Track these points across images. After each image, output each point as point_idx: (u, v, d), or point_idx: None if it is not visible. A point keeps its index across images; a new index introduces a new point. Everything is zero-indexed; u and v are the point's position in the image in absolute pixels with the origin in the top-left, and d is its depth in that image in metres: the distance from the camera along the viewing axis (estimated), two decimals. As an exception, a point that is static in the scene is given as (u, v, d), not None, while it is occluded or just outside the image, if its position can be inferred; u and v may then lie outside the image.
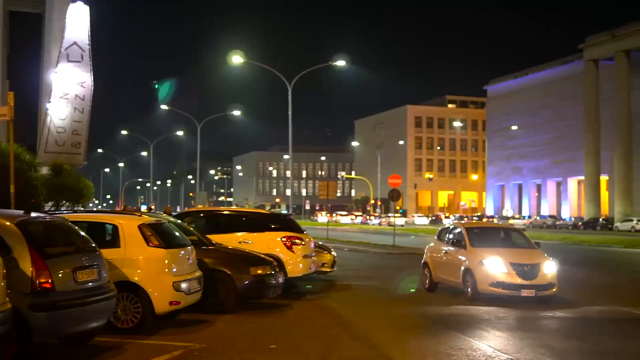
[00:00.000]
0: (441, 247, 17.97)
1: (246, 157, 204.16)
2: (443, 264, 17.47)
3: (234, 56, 41.20)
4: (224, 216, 18.17)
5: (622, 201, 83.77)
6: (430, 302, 16.03)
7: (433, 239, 19.33)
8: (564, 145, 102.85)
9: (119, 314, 10.94)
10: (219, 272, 13.30)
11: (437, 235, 19.03)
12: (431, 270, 17.92)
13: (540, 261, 15.76)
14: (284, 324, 12.48)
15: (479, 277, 15.49)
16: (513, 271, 15.31)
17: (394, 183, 39.21)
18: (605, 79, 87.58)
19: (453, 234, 17.63)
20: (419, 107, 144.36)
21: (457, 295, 16.48)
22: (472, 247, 16.24)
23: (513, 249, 16.49)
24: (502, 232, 18.18)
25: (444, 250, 17.62)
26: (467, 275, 15.93)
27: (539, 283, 15.37)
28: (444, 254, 17.54)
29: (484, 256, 15.68)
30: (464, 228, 17.26)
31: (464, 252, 16.35)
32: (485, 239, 17.06)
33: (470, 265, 15.84)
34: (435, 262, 17.91)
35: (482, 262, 15.55)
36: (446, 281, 17.31)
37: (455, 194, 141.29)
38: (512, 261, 15.48)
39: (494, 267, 15.42)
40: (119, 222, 11.49)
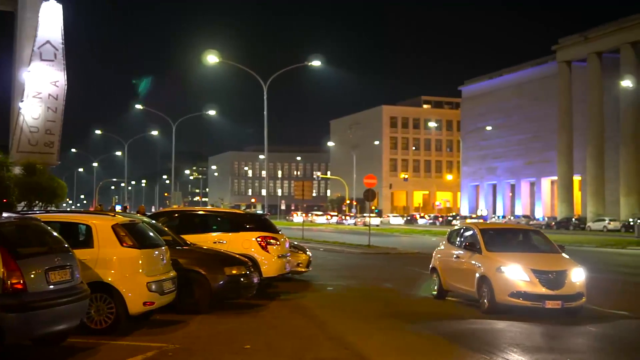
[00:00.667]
0: (452, 250, 16.16)
1: (221, 157, 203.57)
2: (454, 270, 15.72)
3: (209, 56, 41.02)
4: (199, 216, 18.11)
5: (594, 201, 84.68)
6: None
7: (443, 240, 17.45)
8: (537, 146, 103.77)
9: (93, 315, 10.86)
10: (193, 273, 13.25)
11: (447, 238, 17.17)
12: (440, 277, 16.20)
13: (566, 268, 13.99)
14: (258, 324, 12.47)
15: (497, 286, 13.73)
16: (536, 279, 13.54)
17: (369, 183, 39.30)
18: (578, 80, 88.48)
19: (465, 237, 15.85)
20: (394, 107, 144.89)
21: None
22: (488, 252, 14.49)
23: (535, 254, 14.74)
24: (521, 234, 16.53)
25: (455, 255, 15.82)
26: (482, 283, 14.20)
27: (566, 293, 13.57)
28: (455, 259, 15.71)
29: (503, 262, 13.94)
30: (477, 229, 15.44)
31: (479, 257, 14.61)
32: (502, 242, 15.27)
33: (486, 272, 14.11)
34: (445, 268, 16.17)
35: (501, 269, 13.81)
36: (458, 289, 15.63)
37: (430, 194, 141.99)
38: (534, 268, 13.71)
39: (514, 274, 13.65)
40: (93, 222, 11.41)
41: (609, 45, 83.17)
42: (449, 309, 14.96)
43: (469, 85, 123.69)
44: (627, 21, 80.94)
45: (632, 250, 39.15)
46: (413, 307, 15.39)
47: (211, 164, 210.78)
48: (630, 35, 79.91)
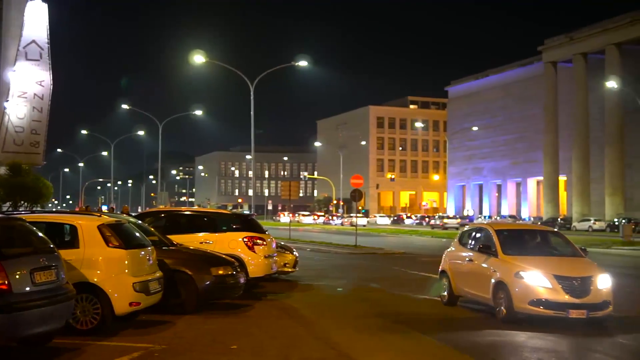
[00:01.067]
0: (464, 253, 15.02)
1: (208, 157, 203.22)
2: (467, 274, 14.62)
3: (195, 55, 40.92)
4: (185, 216, 18.07)
5: (580, 201, 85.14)
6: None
7: (454, 241, 16.22)
8: (523, 146, 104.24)
9: (78, 315, 10.82)
10: (179, 273, 13.23)
11: (459, 239, 15.88)
12: (451, 281, 15.06)
13: (592, 273, 12.80)
14: (245, 325, 12.46)
15: (516, 293, 12.62)
16: (559, 286, 12.44)
17: (356, 183, 39.33)
18: (564, 81, 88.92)
19: (479, 238, 14.68)
20: (381, 107, 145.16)
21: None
22: (505, 255, 13.36)
23: (556, 258, 13.57)
24: (539, 235, 14.98)
25: (467, 258, 14.71)
26: (499, 290, 13.07)
27: (592, 301, 12.44)
28: (468, 262, 14.61)
29: (522, 267, 12.82)
30: (493, 230, 14.24)
31: (495, 261, 13.48)
32: (520, 244, 14.14)
33: (503, 277, 12.99)
34: (456, 272, 15.04)
35: (520, 275, 12.68)
36: (471, 295, 14.45)
37: (416, 194, 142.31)
38: (556, 273, 12.60)
39: (535, 280, 12.54)
40: (78, 222, 11.37)
41: (594, 46, 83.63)
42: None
43: (456, 86, 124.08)
44: (612, 22, 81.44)
45: (617, 250, 39.38)
46: (410, 308, 15.40)
47: (198, 164, 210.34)
48: (615, 36, 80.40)
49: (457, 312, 14.40)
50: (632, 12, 79.59)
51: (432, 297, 16.62)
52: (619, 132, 79.86)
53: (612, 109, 79.77)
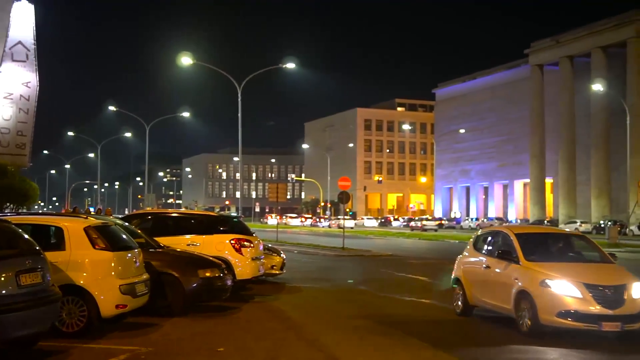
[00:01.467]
0: (480, 259, 13.85)
1: (195, 159, 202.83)
2: (483, 282, 13.44)
3: (183, 57, 40.82)
4: (172, 218, 18.02)
5: (566, 203, 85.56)
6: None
7: (468, 246, 14.94)
8: (510, 149, 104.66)
9: (64, 318, 10.77)
10: (166, 275, 13.20)
11: (473, 243, 14.66)
12: (465, 290, 13.92)
13: (625, 281, 11.65)
14: (232, 327, 12.44)
15: (541, 304, 11.42)
16: (589, 296, 11.26)
17: (343, 185, 39.36)
18: (550, 83, 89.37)
19: (497, 243, 13.55)
20: (368, 110, 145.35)
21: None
22: (528, 262, 12.18)
23: (584, 264, 12.52)
24: (563, 239, 13.86)
25: (484, 264, 13.50)
26: (522, 300, 11.87)
27: (627, 312, 11.22)
28: (485, 269, 13.39)
29: (547, 274, 11.65)
30: (513, 234, 13.01)
31: (517, 268, 12.27)
32: (543, 249, 13.03)
33: (526, 286, 11.81)
34: (471, 279, 13.90)
35: (545, 283, 11.52)
36: (488, 305, 13.30)
37: (404, 196, 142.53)
38: (586, 282, 11.43)
39: (563, 290, 11.38)
40: (64, 224, 11.31)
41: (580, 49, 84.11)
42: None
43: (443, 88, 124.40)
44: (597, 26, 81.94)
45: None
46: (397, 310, 15.41)
47: (185, 166, 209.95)
48: (601, 39, 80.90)
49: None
50: (618, 15, 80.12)
51: (439, 303, 16.45)
52: (605, 135, 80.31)
53: (598, 111, 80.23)
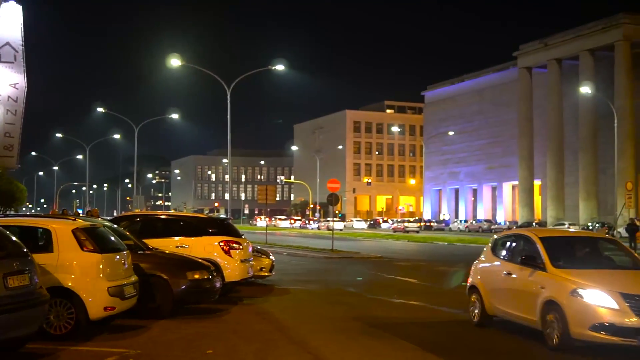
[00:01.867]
0: (500, 265, 12.78)
1: (184, 161, 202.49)
2: (504, 291, 12.33)
3: (172, 59, 40.76)
4: (161, 220, 18.00)
5: (554, 206, 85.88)
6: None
7: (484, 251, 13.83)
8: (498, 151, 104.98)
9: (52, 320, 10.73)
10: (155, 277, 13.17)
11: (492, 247, 13.47)
12: (483, 298, 12.86)
13: None
14: (221, 329, 12.42)
15: (572, 315, 10.30)
16: (626, 306, 10.06)
17: (332, 187, 39.37)
18: (538, 86, 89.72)
19: (519, 248, 12.45)
20: (357, 112, 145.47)
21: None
22: (556, 268, 11.07)
23: (619, 271, 11.33)
24: (592, 243, 12.66)
25: (504, 271, 12.36)
26: (550, 311, 10.72)
27: None
28: (506, 276, 12.25)
29: (579, 283, 10.51)
30: (537, 238, 11.87)
31: (543, 275, 11.15)
32: (571, 254, 11.98)
33: (555, 295, 10.68)
34: (490, 287, 12.80)
35: (577, 293, 10.38)
36: (510, 316, 12.18)
37: (393, 198, 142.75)
38: (623, 291, 10.25)
39: (597, 300, 10.24)
40: (52, 226, 11.27)
41: (568, 52, 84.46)
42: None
43: (432, 91, 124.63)
44: (585, 29, 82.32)
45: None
46: (385, 312, 15.41)
47: (174, 167, 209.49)
48: (589, 42, 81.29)
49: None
50: (605, 18, 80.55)
51: (428, 305, 16.51)
52: (593, 138, 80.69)
53: (586, 114, 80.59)
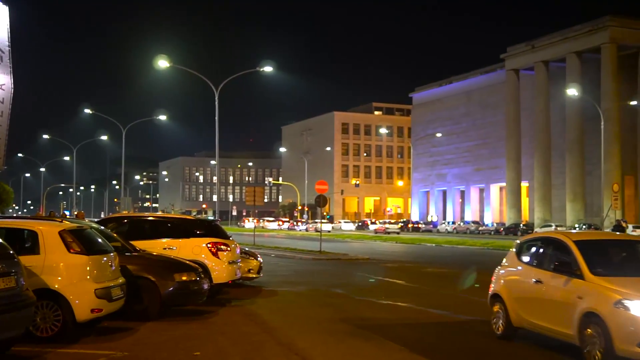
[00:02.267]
0: (528, 271, 11.43)
1: (172, 163, 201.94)
2: (533, 300, 11.01)
3: (159, 60, 40.65)
4: (149, 222, 17.94)
5: (541, 207, 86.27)
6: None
7: (508, 255, 12.51)
8: (486, 153, 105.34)
9: (39, 323, 10.68)
10: (142, 279, 13.13)
11: (517, 251, 12.16)
12: (508, 308, 11.62)
13: None
14: (208, 331, 12.40)
15: (618, 330, 9.12)
16: None
17: (320, 189, 39.36)
18: (526, 88, 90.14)
19: (550, 252, 11.14)
20: (345, 113, 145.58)
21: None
22: (595, 276, 9.84)
23: None
24: (633, 247, 11.28)
25: (533, 278, 11.03)
26: (589, 324, 9.56)
27: None
28: (536, 284, 10.92)
29: (624, 293, 9.30)
30: (571, 242, 10.62)
31: (580, 284, 9.91)
32: (610, 260, 10.85)
33: (596, 307, 9.49)
34: (516, 296, 11.53)
35: (623, 304, 9.18)
36: (540, 329, 10.90)
37: (381, 199, 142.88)
38: None
39: None
40: (39, 228, 11.22)
41: (555, 55, 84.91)
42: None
43: (420, 92, 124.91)
44: (572, 31, 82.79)
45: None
46: (374, 314, 15.41)
47: (162, 169, 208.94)
48: (576, 44, 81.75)
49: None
50: (592, 21, 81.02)
51: (416, 306, 16.51)
52: (579, 139, 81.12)
53: (573, 116, 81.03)
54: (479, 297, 17.95)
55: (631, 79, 79.01)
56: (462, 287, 21.22)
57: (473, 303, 17.07)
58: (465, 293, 19.34)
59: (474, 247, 48.50)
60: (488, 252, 42.54)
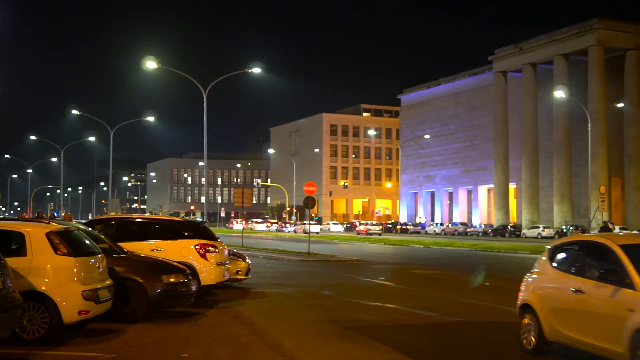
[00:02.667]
0: (565, 279, 10.02)
1: (160, 164, 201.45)
2: (572, 312, 9.66)
3: (148, 61, 40.55)
4: (136, 224, 17.87)
5: (529, 209, 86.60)
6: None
7: (540, 261, 11.22)
8: (474, 154, 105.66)
9: (25, 325, 10.63)
10: (130, 281, 13.10)
11: (549, 257, 10.84)
12: (541, 320, 10.31)
13: None
14: (196, 333, 12.38)
15: None
16: None
17: (309, 190, 39.38)
18: (513, 90, 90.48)
19: (592, 258, 9.80)
20: (334, 115, 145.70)
21: None
22: None
23: None
24: None
25: (572, 287, 9.64)
26: None
27: None
28: (575, 294, 9.55)
29: None
30: (617, 247, 9.31)
31: (631, 295, 8.56)
32: None
33: None
34: (551, 307, 10.18)
35: None
36: (580, 344, 9.54)
37: (369, 201, 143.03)
38: None
39: None
40: (26, 229, 11.17)
41: (543, 57, 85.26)
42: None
43: (408, 94, 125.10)
44: (559, 34, 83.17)
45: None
46: (360, 315, 15.42)
47: (150, 170, 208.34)
48: (563, 47, 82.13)
49: None
50: (579, 23, 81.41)
51: (404, 308, 16.52)
52: (567, 141, 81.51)
53: (560, 118, 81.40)
54: (467, 298, 18.04)
55: (618, 81, 79.45)
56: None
57: (461, 304, 17.15)
58: (453, 295, 19.39)
59: (462, 249, 48.61)
60: (476, 254, 42.69)
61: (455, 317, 14.72)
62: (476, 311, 15.93)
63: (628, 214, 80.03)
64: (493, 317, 14.97)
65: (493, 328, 13.55)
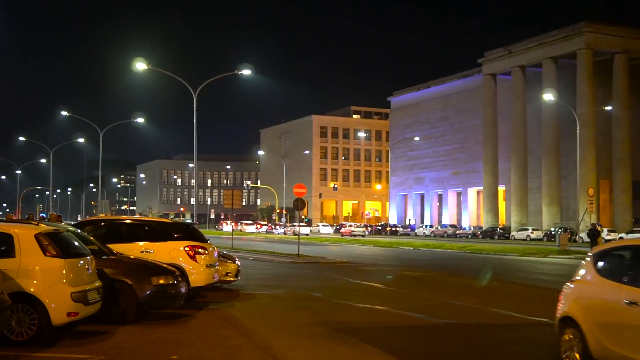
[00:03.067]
0: (615, 290, 8.55)
1: (150, 165, 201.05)
2: (627, 327, 8.10)
3: (137, 63, 40.49)
4: (126, 225, 17.82)
5: (518, 211, 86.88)
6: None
7: (582, 268, 9.67)
8: (463, 157, 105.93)
9: (14, 326, 10.59)
10: (119, 282, 13.07)
11: (594, 264, 9.37)
12: (586, 336, 8.87)
13: None
14: (185, 335, 12.37)
15: None
16: None
17: (298, 192, 39.38)
18: (503, 92, 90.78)
19: None
20: (324, 117, 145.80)
21: None
22: None
23: None
24: None
25: (626, 299, 8.12)
26: None
27: None
28: (629, 306, 8.01)
29: None
30: None
31: None
32: None
33: None
34: (599, 321, 8.73)
35: None
36: None
37: (359, 203, 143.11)
38: None
39: None
40: (14, 231, 11.13)
41: (532, 60, 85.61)
42: None
43: (398, 96, 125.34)
44: (548, 37, 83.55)
45: (554, 259, 40.29)
46: (350, 317, 15.45)
47: (139, 172, 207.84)
48: (551, 50, 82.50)
49: None
50: (568, 27, 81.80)
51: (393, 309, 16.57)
52: (556, 144, 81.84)
53: (549, 121, 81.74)
54: (455, 300, 18.12)
55: (606, 84, 79.85)
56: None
57: (449, 306, 17.20)
58: (442, 297, 19.44)
59: (451, 251, 48.77)
60: (465, 256, 42.84)
61: (444, 319, 14.77)
62: (465, 313, 15.98)
63: (616, 216, 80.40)
64: (482, 319, 15.03)
65: (481, 330, 13.59)
